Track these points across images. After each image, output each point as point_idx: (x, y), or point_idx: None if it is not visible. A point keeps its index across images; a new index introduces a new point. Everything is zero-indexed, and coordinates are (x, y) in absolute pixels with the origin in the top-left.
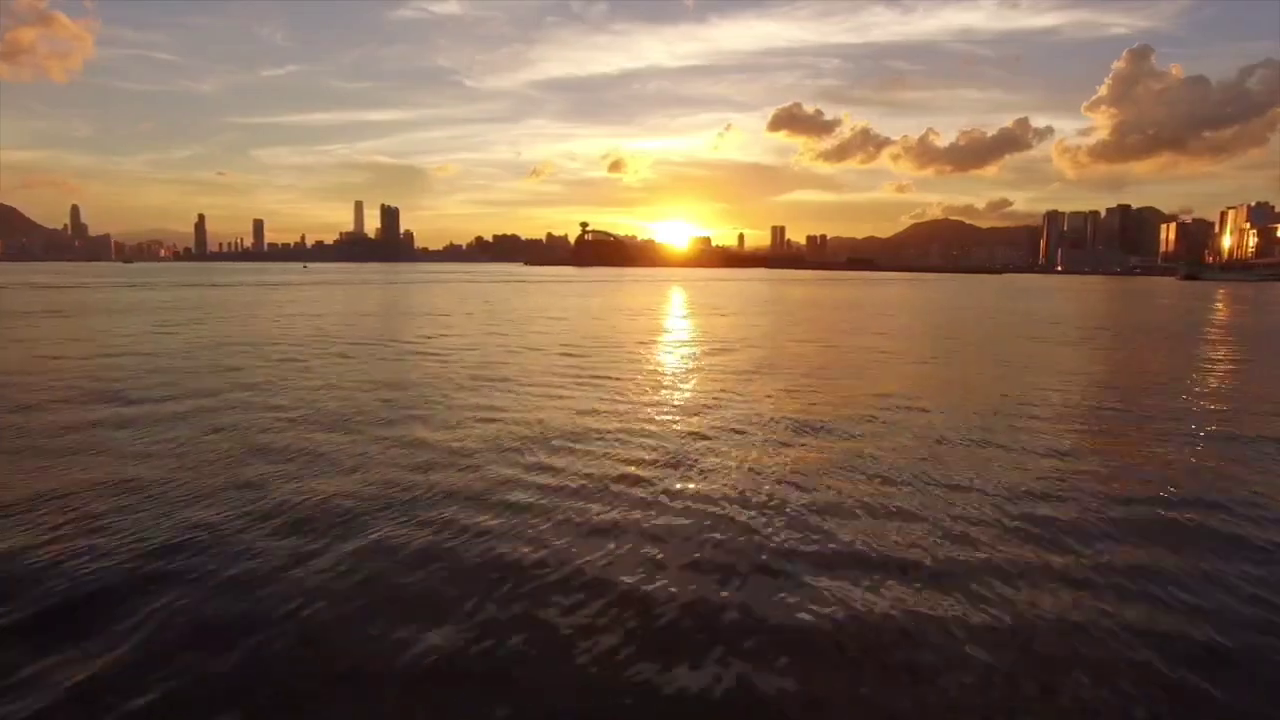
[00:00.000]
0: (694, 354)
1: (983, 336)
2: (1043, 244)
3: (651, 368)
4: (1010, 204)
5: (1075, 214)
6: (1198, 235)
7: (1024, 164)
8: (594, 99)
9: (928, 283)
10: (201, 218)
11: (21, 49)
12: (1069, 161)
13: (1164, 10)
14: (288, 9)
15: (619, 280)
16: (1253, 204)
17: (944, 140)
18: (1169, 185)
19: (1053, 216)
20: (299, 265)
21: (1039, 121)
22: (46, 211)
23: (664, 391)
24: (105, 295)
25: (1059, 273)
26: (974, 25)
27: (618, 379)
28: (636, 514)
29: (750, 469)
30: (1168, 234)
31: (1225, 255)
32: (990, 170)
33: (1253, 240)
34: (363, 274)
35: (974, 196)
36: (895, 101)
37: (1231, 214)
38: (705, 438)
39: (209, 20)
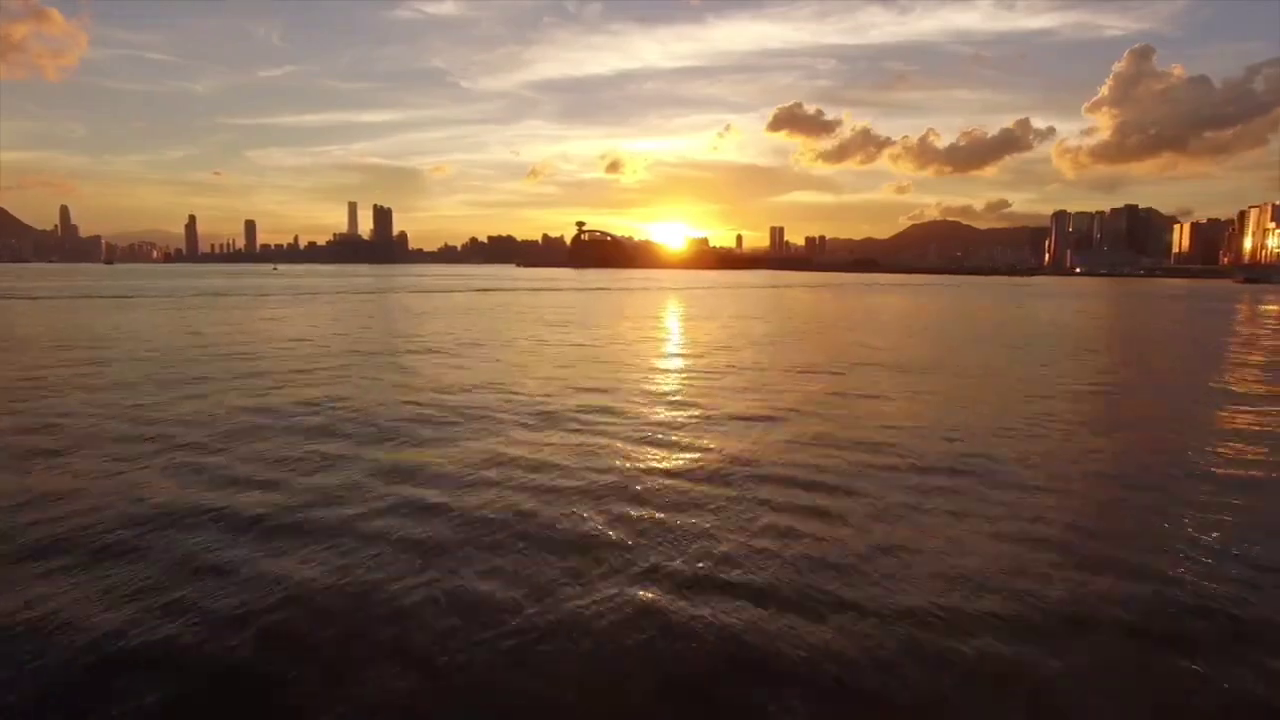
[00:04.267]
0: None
1: None
2: (1050, 244)
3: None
4: (1009, 205)
5: (1080, 214)
6: (1211, 236)
7: (1022, 165)
8: (590, 100)
9: (948, 288)
10: (192, 219)
11: (14, 46)
12: (1069, 162)
13: (1159, 12)
14: (283, 10)
15: (611, 289)
16: (1278, 203)
17: (944, 141)
18: (1166, 185)
19: (1060, 217)
20: (269, 267)
21: (1038, 122)
22: (39, 212)
23: None
24: None
25: (1076, 275)
26: (970, 26)
27: None
28: None
29: None
30: (1180, 234)
31: (1246, 256)
32: (989, 171)
33: None
34: (336, 278)
35: (971, 197)
36: (892, 102)
37: (1254, 213)
38: None
39: (204, 20)
